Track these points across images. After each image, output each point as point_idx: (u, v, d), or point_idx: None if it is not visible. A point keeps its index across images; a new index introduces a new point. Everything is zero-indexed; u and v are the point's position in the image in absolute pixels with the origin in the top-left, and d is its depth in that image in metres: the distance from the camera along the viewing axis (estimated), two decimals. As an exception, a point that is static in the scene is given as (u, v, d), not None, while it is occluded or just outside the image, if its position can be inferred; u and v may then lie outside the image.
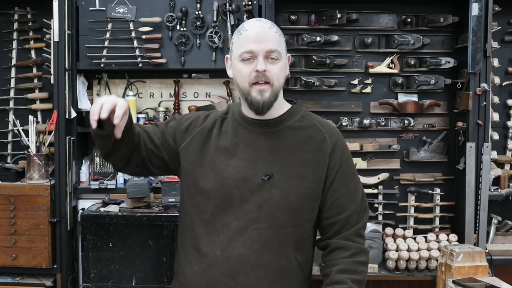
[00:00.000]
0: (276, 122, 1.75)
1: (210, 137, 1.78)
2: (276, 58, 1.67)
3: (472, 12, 2.78)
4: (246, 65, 1.67)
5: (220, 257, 1.69)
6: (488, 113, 2.86)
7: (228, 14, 2.93)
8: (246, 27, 1.70)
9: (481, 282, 2.40)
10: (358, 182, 1.80)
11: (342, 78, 3.04)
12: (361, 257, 1.73)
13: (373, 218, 3.02)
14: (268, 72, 1.66)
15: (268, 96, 1.67)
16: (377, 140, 3.07)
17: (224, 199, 1.70)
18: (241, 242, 1.68)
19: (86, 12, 2.96)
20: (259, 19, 1.75)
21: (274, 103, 1.70)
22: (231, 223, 1.70)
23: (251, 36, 1.67)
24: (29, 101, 3.13)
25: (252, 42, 1.66)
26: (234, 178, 1.70)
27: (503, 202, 3.03)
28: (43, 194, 2.83)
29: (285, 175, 1.70)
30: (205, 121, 1.82)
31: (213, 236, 1.71)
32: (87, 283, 2.83)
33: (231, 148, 1.73)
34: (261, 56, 1.65)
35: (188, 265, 1.76)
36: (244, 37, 1.68)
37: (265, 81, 1.66)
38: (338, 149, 1.76)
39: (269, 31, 1.68)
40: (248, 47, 1.66)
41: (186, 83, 3.20)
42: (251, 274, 1.68)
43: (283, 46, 1.72)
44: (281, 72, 1.70)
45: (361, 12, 2.99)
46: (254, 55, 1.66)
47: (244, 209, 1.69)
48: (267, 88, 1.67)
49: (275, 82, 1.68)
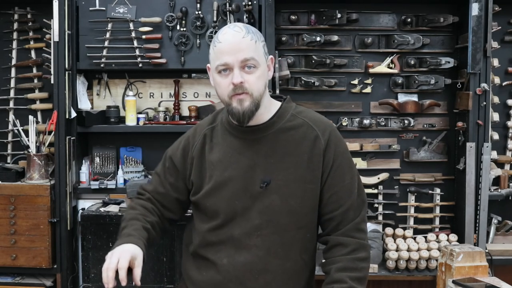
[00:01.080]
0: (266, 127, 1.73)
1: (204, 154, 1.78)
2: (253, 65, 1.64)
3: (472, 12, 2.78)
4: (223, 77, 1.65)
5: (227, 265, 1.71)
6: (488, 113, 2.86)
7: (228, 14, 2.93)
8: (220, 38, 1.67)
9: (481, 282, 2.40)
10: (354, 176, 1.77)
11: (342, 78, 3.04)
12: (360, 253, 1.71)
13: (373, 218, 3.02)
14: (246, 83, 1.63)
15: (248, 105, 1.65)
16: (377, 140, 3.07)
17: (226, 213, 1.72)
18: (247, 250, 1.70)
19: (86, 12, 2.96)
20: (234, 26, 1.69)
21: (255, 112, 1.67)
22: (235, 232, 1.71)
23: (225, 48, 1.64)
24: (29, 101, 3.13)
25: (226, 54, 1.63)
26: (233, 190, 1.71)
27: (503, 202, 3.03)
28: (43, 194, 2.83)
29: (282, 179, 1.70)
30: (195, 139, 1.82)
31: (219, 246, 1.73)
32: (87, 283, 2.84)
33: (225, 160, 1.73)
34: (237, 67, 1.63)
35: (196, 271, 1.79)
36: (218, 49, 1.66)
37: (243, 92, 1.64)
38: (332, 144, 1.74)
39: (242, 41, 1.64)
40: (223, 60, 1.64)
41: (186, 83, 3.20)
42: (259, 279, 1.70)
43: (260, 51, 1.68)
44: (260, 80, 1.66)
45: (361, 12, 2.99)
46: (229, 67, 1.64)
47: (246, 218, 1.70)
48: (246, 97, 1.64)
49: (254, 91, 1.65)
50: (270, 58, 1.75)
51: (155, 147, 3.16)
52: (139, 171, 3.12)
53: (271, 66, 1.75)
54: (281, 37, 2.97)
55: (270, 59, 1.74)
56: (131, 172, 3.10)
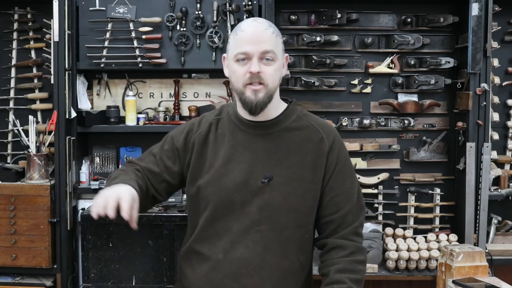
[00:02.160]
0: (273, 124, 1.74)
1: (207, 142, 1.77)
2: (271, 59, 1.66)
3: (472, 12, 2.78)
4: (240, 66, 1.67)
5: (223, 260, 1.70)
6: (488, 113, 2.86)
7: (228, 14, 2.93)
8: (242, 27, 1.70)
9: (481, 282, 2.40)
10: (354, 181, 1.79)
11: (342, 78, 3.04)
12: (358, 256, 1.73)
13: (373, 218, 3.02)
14: (263, 74, 1.65)
15: (262, 97, 1.66)
16: (377, 140, 3.07)
17: (225, 204, 1.71)
18: (244, 245, 1.69)
19: (86, 12, 2.96)
20: (256, 19, 1.74)
21: (268, 104, 1.69)
22: (232, 226, 1.70)
23: (247, 37, 1.66)
24: (29, 101, 3.13)
25: (247, 43, 1.65)
26: (234, 182, 1.70)
27: (503, 202, 3.03)
28: (43, 194, 2.83)
29: (284, 177, 1.70)
30: (200, 126, 1.81)
31: (215, 239, 1.72)
32: (87, 283, 2.84)
33: (229, 152, 1.73)
34: (256, 58, 1.65)
35: (190, 268, 1.77)
36: (239, 38, 1.68)
37: (259, 82, 1.66)
38: (335, 148, 1.76)
39: (265, 32, 1.67)
40: (243, 48, 1.65)
41: (186, 83, 3.20)
42: (254, 276, 1.69)
43: (279, 47, 1.71)
44: (276, 73, 1.69)
45: (361, 12, 2.99)
46: (248, 56, 1.65)
47: (245, 212, 1.70)
48: (261, 88, 1.66)
49: (270, 83, 1.67)
50: (286, 56, 1.77)
51: (155, 147, 3.16)
52: (139, 171, 3.12)
53: (285, 64, 1.77)
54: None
55: (285, 57, 1.77)
56: (131, 172, 3.10)
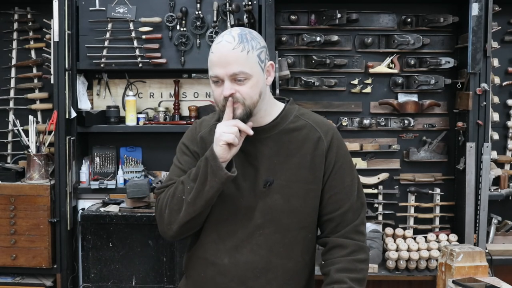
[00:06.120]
0: (271, 127, 1.74)
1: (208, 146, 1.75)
2: (243, 78, 1.62)
3: (472, 12, 2.78)
4: (216, 87, 1.65)
5: (228, 265, 1.71)
6: (488, 113, 2.86)
7: (228, 14, 2.93)
8: (213, 48, 1.66)
9: (481, 282, 2.40)
10: (354, 178, 1.78)
11: (342, 78, 3.04)
12: (360, 254, 1.72)
13: (373, 218, 3.02)
14: (237, 93, 1.62)
15: (240, 113, 1.64)
16: (377, 140, 3.07)
17: (229, 208, 1.71)
18: (248, 249, 1.70)
19: (86, 12, 2.96)
20: (229, 34, 1.65)
21: (247, 120, 1.65)
22: (237, 230, 1.71)
23: (215, 60, 1.63)
24: (29, 101, 3.13)
25: (216, 66, 1.63)
26: (240, 188, 1.71)
27: (503, 202, 3.03)
28: (43, 194, 2.83)
29: (285, 179, 1.70)
30: (201, 128, 1.81)
31: (219, 244, 1.72)
32: (87, 283, 2.84)
33: None
34: (227, 80, 1.62)
35: (196, 272, 1.78)
36: (210, 60, 1.65)
37: (235, 101, 1.63)
38: (334, 146, 1.75)
39: (232, 53, 1.60)
40: (214, 72, 1.63)
41: (186, 83, 3.20)
42: (260, 278, 1.70)
43: (253, 62, 1.64)
44: (253, 89, 1.64)
45: (361, 12, 2.99)
46: (220, 79, 1.63)
47: (249, 217, 1.70)
48: (239, 106, 1.64)
49: (247, 101, 1.64)
50: (270, 64, 1.72)
51: (155, 147, 3.16)
52: (139, 171, 3.12)
53: (271, 72, 1.73)
54: (281, 37, 2.97)
55: (270, 64, 1.71)
56: (131, 172, 3.10)
